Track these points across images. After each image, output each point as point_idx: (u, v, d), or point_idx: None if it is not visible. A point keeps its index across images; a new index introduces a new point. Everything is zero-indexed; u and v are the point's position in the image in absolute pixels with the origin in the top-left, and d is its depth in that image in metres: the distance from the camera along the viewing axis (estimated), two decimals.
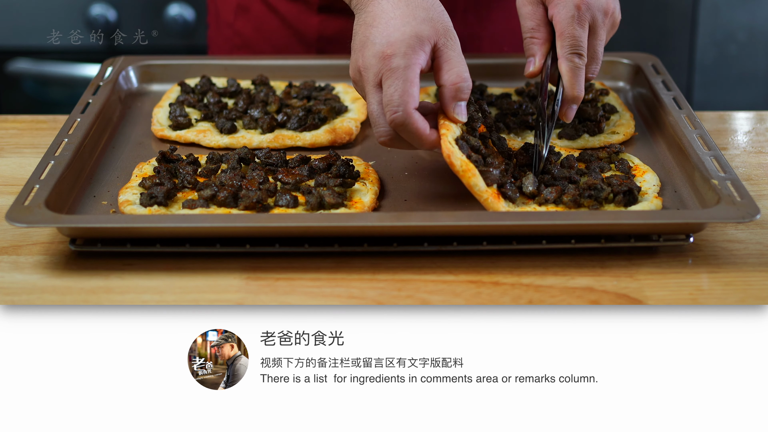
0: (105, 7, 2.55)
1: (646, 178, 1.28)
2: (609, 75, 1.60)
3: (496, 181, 1.20)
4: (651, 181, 1.27)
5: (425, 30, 1.20)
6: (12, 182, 1.34)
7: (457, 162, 1.18)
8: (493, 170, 1.21)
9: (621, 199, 1.21)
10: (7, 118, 1.56)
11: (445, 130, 1.20)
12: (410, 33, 1.19)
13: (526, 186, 1.22)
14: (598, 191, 1.22)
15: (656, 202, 1.22)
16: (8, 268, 1.15)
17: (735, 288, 1.11)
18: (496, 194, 1.19)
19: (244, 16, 1.73)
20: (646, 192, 1.25)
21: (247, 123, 1.44)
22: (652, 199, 1.23)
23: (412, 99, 1.18)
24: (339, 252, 1.17)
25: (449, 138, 1.20)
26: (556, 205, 1.21)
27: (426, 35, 1.20)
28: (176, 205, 1.22)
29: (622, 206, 1.21)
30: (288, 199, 1.21)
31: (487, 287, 1.12)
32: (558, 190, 1.21)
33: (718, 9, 2.67)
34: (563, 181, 1.24)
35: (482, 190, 1.18)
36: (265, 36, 1.72)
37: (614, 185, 1.23)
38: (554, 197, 1.21)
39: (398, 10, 1.21)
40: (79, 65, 2.59)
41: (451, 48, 1.22)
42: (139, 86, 1.60)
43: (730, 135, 1.48)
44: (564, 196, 1.21)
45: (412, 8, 1.21)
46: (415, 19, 1.20)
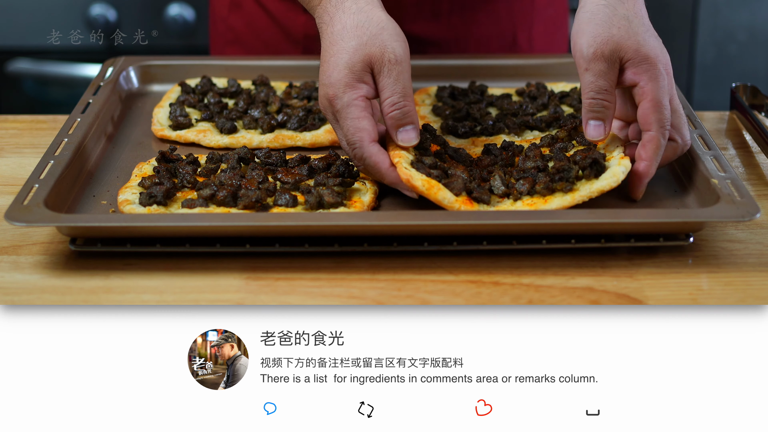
0: (105, 7, 2.55)
1: (607, 141, 1.27)
2: None
3: (463, 188, 1.19)
4: (615, 143, 1.26)
5: (357, 60, 1.21)
6: (12, 182, 1.34)
7: (418, 183, 1.18)
8: (457, 179, 1.20)
9: (590, 173, 1.21)
10: (7, 118, 1.56)
11: (398, 159, 1.21)
12: (344, 68, 1.21)
13: (496, 187, 1.21)
14: (567, 172, 1.21)
15: (624, 162, 1.21)
16: (8, 268, 1.15)
17: (735, 288, 1.11)
18: (468, 201, 1.18)
19: (237, 12, 1.75)
20: (612, 156, 1.23)
21: (248, 123, 1.44)
22: (619, 161, 1.21)
23: (365, 133, 1.20)
24: (339, 252, 1.17)
25: (404, 164, 1.20)
26: (531, 196, 1.20)
27: (359, 67, 1.21)
28: (176, 204, 1.22)
29: (593, 178, 1.20)
30: (287, 198, 1.21)
31: (487, 287, 1.12)
32: (530, 181, 1.21)
33: (718, 9, 2.67)
34: (532, 171, 1.23)
35: (452, 201, 1.17)
36: (256, 32, 1.73)
37: (579, 161, 1.22)
38: (528, 188, 1.20)
39: (343, 36, 1.22)
40: (79, 65, 2.60)
41: (385, 74, 1.21)
42: (139, 86, 1.60)
43: (730, 135, 1.48)
44: (537, 185, 1.20)
45: (352, 34, 1.21)
46: (348, 50, 1.21)
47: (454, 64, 1.61)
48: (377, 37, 1.21)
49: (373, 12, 1.23)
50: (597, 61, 1.20)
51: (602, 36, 1.20)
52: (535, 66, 1.61)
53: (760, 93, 1.53)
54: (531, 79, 1.58)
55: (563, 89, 1.54)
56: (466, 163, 1.28)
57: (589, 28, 1.21)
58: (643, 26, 1.21)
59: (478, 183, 1.23)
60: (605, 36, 1.19)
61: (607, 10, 1.21)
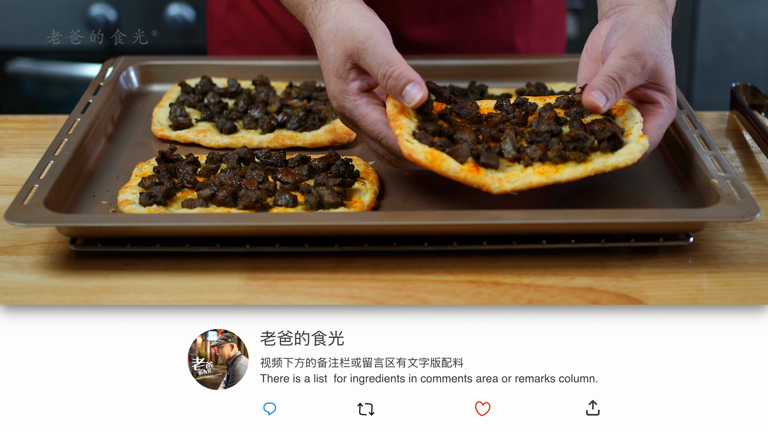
0: (105, 7, 2.55)
1: (627, 115, 1.24)
2: None
3: (468, 155, 1.14)
4: (634, 118, 1.23)
5: (339, 63, 1.23)
6: (12, 182, 1.34)
7: (421, 156, 1.14)
8: (463, 145, 1.15)
9: (606, 146, 1.17)
10: (7, 118, 1.56)
11: (399, 130, 1.17)
12: (333, 77, 1.24)
13: (507, 150, 1.18)
14: (582, 142, 1.18)
15: (642, 141, 1.18)
16: (8, 268, 1.15)
17: (735, 288, 1.11)
18: (474, 167, 1.14)
19: (234, 13, 1.75)
20: (630, 132, 1.20)
21: (248, 123, 1.44)
22: (638, 139, 1.18)
23: (380, 123, 1.21)
24: (339, 252, 1.17)
25: (405, 136, 1.16)
26: (542, 163, 1.17)
27: (342, 69, 1.23)
28: (176, 204, 1.22)
29: (609, 152, 1.17)
30: (287, 198, 1.21)
31: (487, 287, 1.12)
32: (542, 146, 1.18)
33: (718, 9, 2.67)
34: (545, 135, 1.20)
35: (457, 171, 1.13)
36: (253, 33, 1.74)
37: (597, 132, 1.19)
38: (539, 155, 1.17)
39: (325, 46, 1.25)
40: (79, 65, 2.60)
41: (363, 57, 1.21)
42: (139, 86, 1.60)
43: (730, 135, 1.48)
44: (549, 152, 1.17)
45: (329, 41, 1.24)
46: (330, 58, 1.23)
47: (454, 64, 1.61)
48: (345, 31, 1.23)
49: (340, 11, 1.24)
50: (636, 61, 1.21)
51: (651, 50, 1.22)
52: (535, 66, 1.61)
53: (760, 93, 1.53)
54: (531, 79, 1.58)
55: (563, 89, 1.54)
56: (474, 120, 1.24)
57: (645, 33, 1.23)
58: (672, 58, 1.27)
59: (486, 144, 1.18)
60: (654, 51, 1.22)
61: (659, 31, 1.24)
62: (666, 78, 1.24)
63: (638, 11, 1.26)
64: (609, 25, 1.26)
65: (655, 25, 1.24)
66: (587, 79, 1.28)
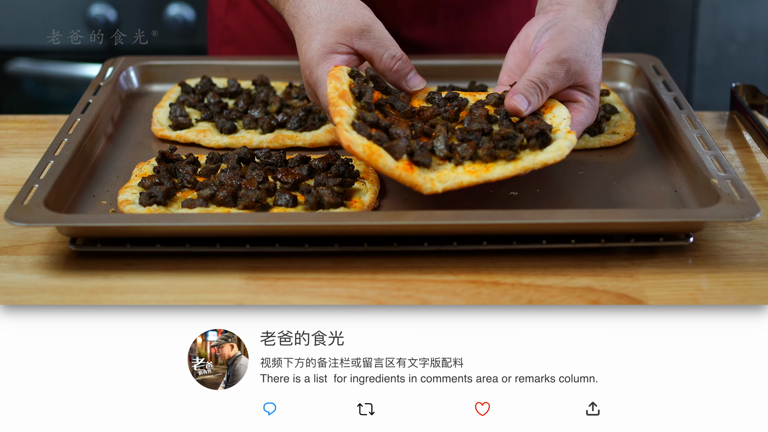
0: (105, 7, 2.55)
1: (555, 113, 1.25)
2: (610, 76, 1.60)
3: (404, 152, 1.16)
4: (561, 115, 1.24)
5: (330, 36, 1.26)
6: (12, 182, 1.34)
7: (359, 149, 1.14)
8: (399, 142, 1.17)
9: (535, 143, 1.19)
10: (7, 118, 1.56)
11: (338, 117, 1.18)
12: (317, 46, 1.27)
13: (438, 148, 1.19)
14: (511, 140, 1.19)
15: (570, 137, 1.19)
16: (8, 268, 1.15)
17: (735, 288, 1.11)
18: (408, 165, 1.15)
19: (234, 12, 1.75)
20: (558, 129, 1.22)
21: (248, 123, 1.44)
22: (565, 136, 1.19)
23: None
24: (339, 252, 1.17)
25: (345, 125, 1.17)
26: (472, 161, 1.18)
27: (332, 40, 1.26)
28: (176, 204, 1.22)
29: (538, 149, 1.18)
30: (287, 198, 1.21)
31: (487, 287, 1.12)
32: (473, 145, 1.19)
33: (718, 9, 2.67)
34: (476, 134, 1.21)
35: (392, 168, 1.14)
36: (252, 32, 1.74)
37: (525, 129, 1.20)
38: (470, 153, 1.18)
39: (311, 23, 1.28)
40: (79, 65, 2.59)
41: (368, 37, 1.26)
42: (139, 86, 1.60)
43: (730, 135, 1.48)
44: (479, 150, 1.18)
45: (319, 18, 1.27)
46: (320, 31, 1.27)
47: (454, 64, 1.61)
48: (345, 11, 1.27)
49: None
50: (560, 67, 1.24)
51: (578, 54, 1.25)
52: None
53: (760, 93, 1.53)
54: None
55: None
56: (408, 114, 1.26)
57: (573, 39, 1.25)
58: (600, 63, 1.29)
59: (420, 142, 1.20)
60: (580, 57, 1.25)
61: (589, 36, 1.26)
62: (590, 81, 1.27)
63: (573, 13, 1.28)
64: (542, 23, 1.29)
65: (586, 30, 1.26)
66: (511, 68, 1.32)
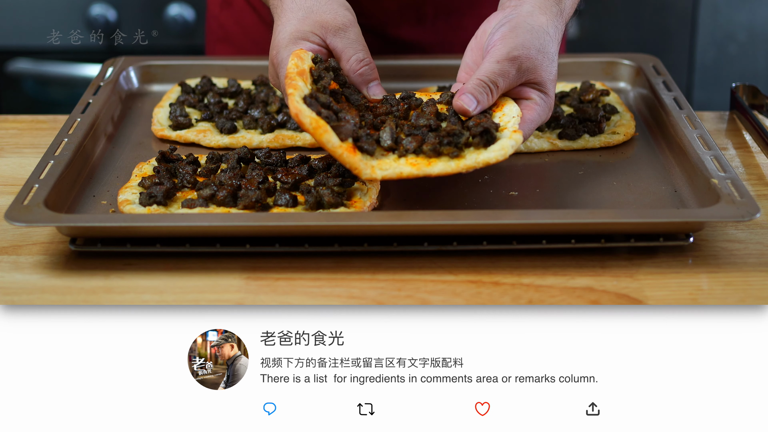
0: (105, 7, 2.55)
1: (505, 110, 1.25)
2: (610, 76, 1.60)
3: (350, 135, 1.17)
4: (511, 113, 1.24)
5: (306, 25, 1.28)
6: (12, 182, 1.34)
7: (306, 120, 1.15)
8: (347, 125, 1.17)
9: (479, 141, 1.19)
10: (7, 118, 1.56)
11: (292, 90, 1.18)
12: (290, 30, 1.28)
13: (384, 139, 1.20)
14: (457, 137, 1.19)
15: (515, 136, 1.19)
16: (8, 268, 1.15)
17: (735, 288, 1.11)
18: (352, 148, 1.16)
19: (228, 10, 1.76)
20: (505, 127, 1.22)
21: (248, 123, 1.44)
22: (510, 134, 1.19)
23: None
24: (339, 252, 1.17)
25: (296, 97, 1.18)
26: (416, 155, 1.19)
27: (307, 29, 1.28)
28: (176, 204, 1.22)
29: (482, 147, 1.18)
30: (287, 198, 1.21)
31: (487, 287, 1.12)
32: (418, 139, 1.19)
33: (718, 9, 2.67)
34: (423, 130, 1.22)
35: (335, 146, 1.15)
36: (245, 30, 1.74)
37: (471, 127, 1.21)
38: (414, 147, 1.19)
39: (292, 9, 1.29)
40: (79, 65, 2.59)
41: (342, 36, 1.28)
42: (139, 86, 1.60)
43: (730, 135, 1.48)
44: (424, 146, 1.18)
45: (299, 6, 1.29)
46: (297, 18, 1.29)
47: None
48: (328, 6, 1.28)
49: None
50: (511, 65, 1.23)
51: (530, 51, 1.24)
52: None
53: (760, 93, 1.53)
54: None
55: (563, 89, 1.54)
56: (360, 108, 1.27)
57: (526, 36, 1.24)
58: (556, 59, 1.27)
59: (367, 131, 1.21)
60: (532, 54, 1.24)
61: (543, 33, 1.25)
62: (543, 78, 1.25)
63: (528, 9, 1.27)
64: (498, 19, 1.29)
65: (540, 27, 1.25)
66: (469, 66, 1.31)
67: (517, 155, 1.37)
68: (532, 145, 1.38)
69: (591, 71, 1.60)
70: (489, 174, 1.32)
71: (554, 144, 1.39)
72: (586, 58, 1.62)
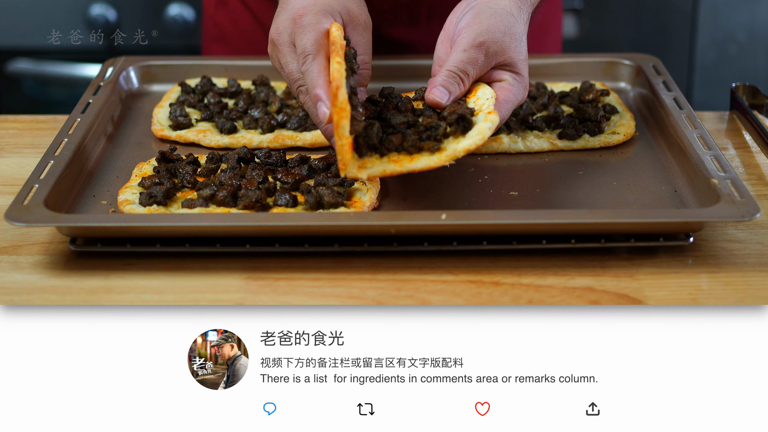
0: (105, 7, 2.55)
1: (478, 95, 1.25)
2: (610, 76, 1.60)
3: (356, 132, 1.17)
4: (484, 96, 1.24)
5: (336, 4, 1.26)
6: (12, 182, 1.34)
7: (343, 96, 1.14)
8: (359, 118, 1.18)
9: (456, 129, 1.19)
10: (7, 118, 1.56)
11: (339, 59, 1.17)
12: (321, 2, 1.25)
13: (370, 138, 1.19)
14: (434, 130, 1.19)
15: (491, 117, 1.18)
16: (8, 268, 1.15)
17: (735, 288, 1.11)
18: (351, 144, 1.15)
19: (223, 10, 1.76)
20: (480, 110, 1.22)
21: (248, 123, 1.44)
22: (486, 117, 1.19)
23: (322, 48, 1.22)
24: (339, 252, 1.17)
25: (342, 69, 1.17)
26: (398, 153, 1.19)
27: (337, 8, 1.26)
28: (176, 204, 1.22)
29: (461, 135, 1.18)
30: (287, 198, 1.21)
31: (487, 287, 1.12)
32: (398, 137, 1.19)
33: (718, 9, 2.67)
34: (401, 127, 1.22)
35: (344, 135, 1.13)
36: (240, 30, 1.74)
37: (447, 117, 1.21)
38: (395, 145, 1.19)
39: None
40: (79, 65, 2.59)
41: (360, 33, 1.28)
42: (139, 86, 1.60)
43: (730, 135, 1.48)
44: (404, 143, 1.19)
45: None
46: None
47: None
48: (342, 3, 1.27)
49: None
50: (478, 51, 1.24)
51: (495, 35, 1.24)
52: (535, 66, 1.61)
53: (760, 93, 1.53)
54: (531, 79, 1.58)
55: (563, 89, 1.54)
56: None
57: (490, 20, 1.25)
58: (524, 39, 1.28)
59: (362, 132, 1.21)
60: (498, 37, 1.24)
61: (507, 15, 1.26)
62: (513, 59, 1.26)
63: None
64: (462, 8, 1.29)
65: (503, 9, 1.26)
66: (441, 58, 1.30)
67: (517, 155, 1.38)
68: (532, 145, 1.38)
69: (591, 71, 1.60)
70: (489, 174, 1.32)
71: (554, 144, 1.39)
72: (586, 58, 1.62)
